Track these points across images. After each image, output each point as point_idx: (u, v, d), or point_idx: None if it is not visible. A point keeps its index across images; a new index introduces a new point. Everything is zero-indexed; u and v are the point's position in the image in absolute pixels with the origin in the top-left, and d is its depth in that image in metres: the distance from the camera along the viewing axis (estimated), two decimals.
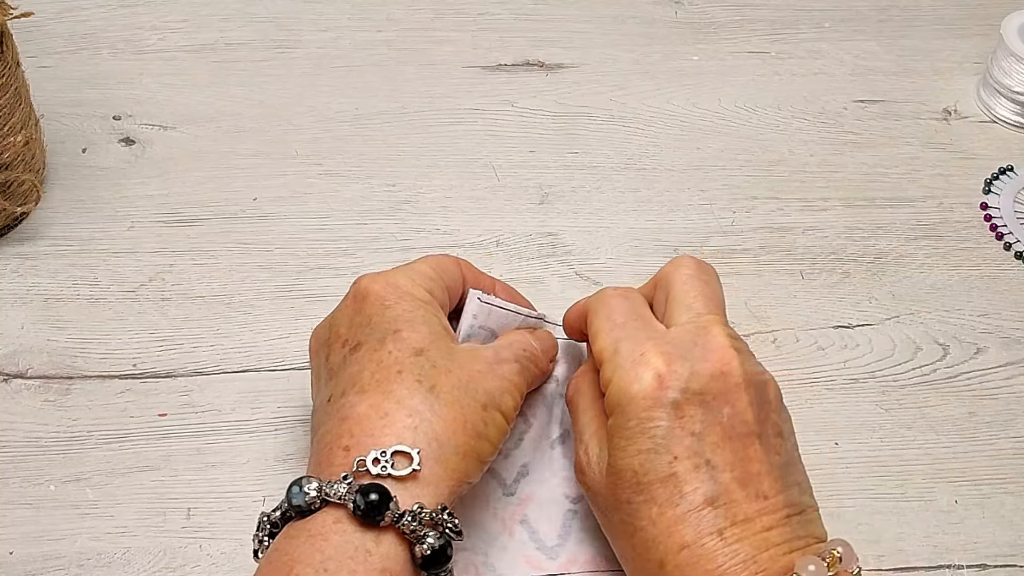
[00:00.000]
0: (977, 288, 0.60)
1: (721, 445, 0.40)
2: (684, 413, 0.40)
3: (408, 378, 0.42)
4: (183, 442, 0.50)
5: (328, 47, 0.71)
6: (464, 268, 0.49)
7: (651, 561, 0.40)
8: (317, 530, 0.39)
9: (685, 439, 0.40)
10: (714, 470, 0.39)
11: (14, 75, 0.55)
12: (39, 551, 0.47)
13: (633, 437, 0.40)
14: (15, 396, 0.52)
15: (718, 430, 0.40)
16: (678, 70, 0.71)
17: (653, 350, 0.41)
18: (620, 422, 0.41)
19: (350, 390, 0.42)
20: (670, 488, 0.39)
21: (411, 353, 0.42)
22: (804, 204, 0.63)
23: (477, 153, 0.65)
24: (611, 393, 0.42)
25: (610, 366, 0.42)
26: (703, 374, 0.41)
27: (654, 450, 0.40)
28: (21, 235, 0.58)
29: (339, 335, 0.45)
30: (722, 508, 0.39)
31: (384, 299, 0.44)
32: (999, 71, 0.68)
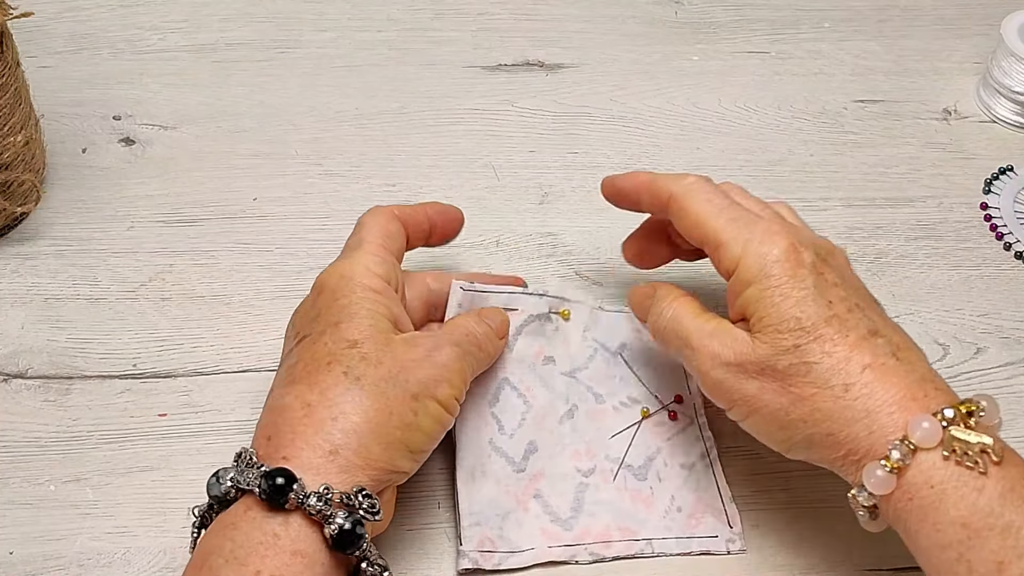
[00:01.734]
0: (977, 288, 0.60)
1: (859, 294, 0.45)
2: (822, 270, 0.44)
3: (336, 369, 0.43)
4: (183, 442, 0.50)
5: (328, 47, 0.71)
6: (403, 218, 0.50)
7: (833, 388, 0.42)
8: (229, 519, 0.40)
9: (832, 289, 0.44)
10: (865, 311, 0.44)
11: (14, 75, 0.55)
12: (39, 551, 0.47)
13: (787, 292, 0.43)
14: (15, 396, 0.52)
15: (851, 284, 0.45)
16: (678, 70, 0.71)
17: (777, 226, 0.45)
18: (768, 283, 0.44)
19: (284, 381, 0.44)
20: (835, 326, 0.43)
21: (345, 345, 0.43)
22: (804, 204, 0.63)
23: (477, 153, 0.65)
24: (749, 264, 0.44)
25: (737, 242, 0.45)
26: (822, 245, 0.46)
27: (811, 297, 0.43)
28: (21, 235, 0.58)
29: (294, 327, 0.46)
30: (885, 338, 0.43)
31: (335, 292, 0.45)
32: (999, 71, 0.68)
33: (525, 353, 0.52)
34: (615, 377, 0.53)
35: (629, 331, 0.55)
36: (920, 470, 0.40)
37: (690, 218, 0.47)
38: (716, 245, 0.46)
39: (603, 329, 0.54)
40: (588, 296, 0.57)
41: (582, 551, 0.47)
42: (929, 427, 0.40)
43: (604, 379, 0.53)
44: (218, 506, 0.41)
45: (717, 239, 0.46)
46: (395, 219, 0.49)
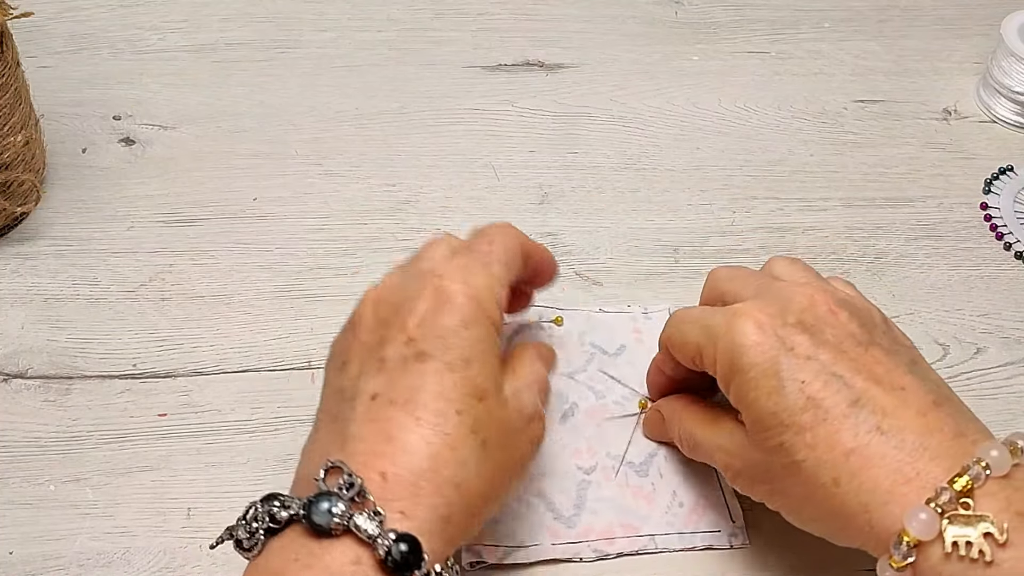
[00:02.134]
0: (977, 288, 0.60)
1: (838, 358, 0.41)
2: (793, 343, 0.41)
3: (466, 422, 0.39)
4: (183, 442, 0.50)
5: (328, 47, 0.71)
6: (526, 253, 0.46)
7: (825, 486, 0.39)
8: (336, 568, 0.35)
9: (804, 364, 0.40)
10: (843, 379, 0.40)
11: (14, 75, 0.55)
12: (39, 551, 0.47)
13: (759, 383, 0.41)
14: (15, 396, 0.52)
15: (829, 348, 0.41)
16: (678, 70, 0.71)
17: (741, 307, 0.43)
18: (742, 378, 0.41)
19: (403, 406, 0.38)
20: (812, 410, 0.40)
21: (473, 393, 0.39)
22: (804, 204, 0.63)
23: (477, 153, 0.65)
24: (722, 360, 0.42)
25: (709, 342, 0.43)
26: (794, 308, 0.42)
27: (782, 384, 0.40)
28: (21, 235, 0.58)
29: (405, 327, 0.40)
30: (867, 406, 0.39)
31: (464, 313, 0.40)
32: (999, 71, 0.68)
33: None
34: (614, 379, 0.53)
35: (628, 332, 0.55)
36: (928, 564, 0.37)
37: (675, 350, 0.46)
38: (699, 356, 0.44)
39: (601, 332, 0.55)
40: (588, 296, 0.57)
41: (585, 548, 0.47)
42: (926, 519, 0.37)
43: (603, 379, 0.53)
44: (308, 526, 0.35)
45: (697, 351, 0.44)
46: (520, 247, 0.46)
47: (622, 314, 0.55)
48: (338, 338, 0.43)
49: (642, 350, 0.54)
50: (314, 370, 0.54)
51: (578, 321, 0.55)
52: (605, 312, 0.56)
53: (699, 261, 0.60)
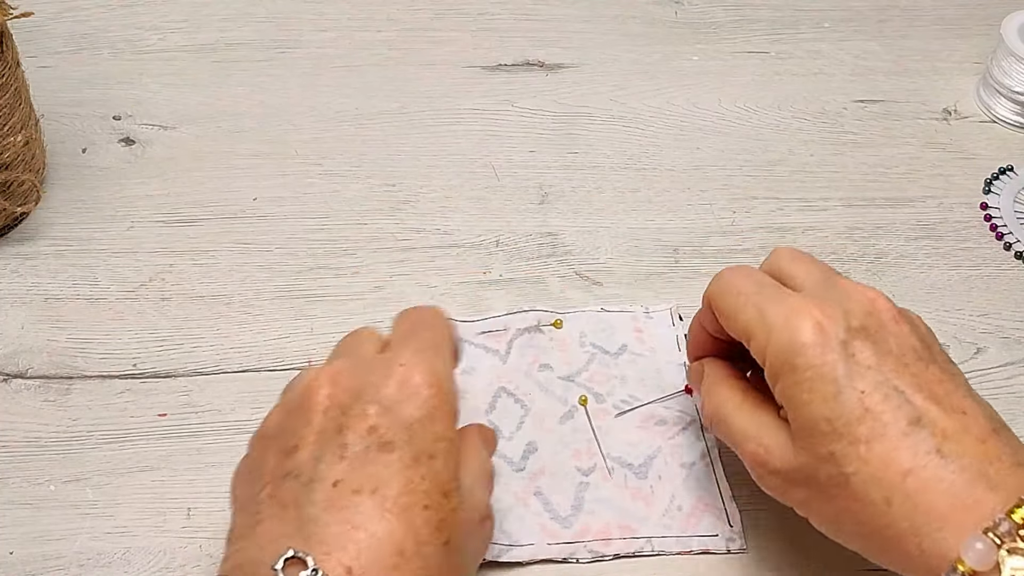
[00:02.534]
0: (977, 288, 0.60)
1: (900, 372, 0.39)
2: (854, 350, 0.39)
3: (432, 521, 0.37)
4: (183, 442, 0.50)
5: (328, 47, 0.71)
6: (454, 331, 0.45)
7: (875, 503, 0.38)
8: None
9: (865, 373, 0.39)
10: (904, 394, 0.39)
11: (14, 75, 0.55)
12: (39, 551, 0.47)
13: (814, 387, 0.39)
14: (15, 396, 0.52)
15: (892, 359, 0.39)
16: (678, 70, 0.71)
17: (801, 303, 0.41)
18: (795, 378, 0.40)
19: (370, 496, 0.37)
20: (869, 423, 0.38)
21: (440, 492, 0.38)
22: (804, 204, 0.63)
23: (477, 153, 0.65)
24: (774, 355, 0.40)
25: (762, 331, 0.41)
26: (857, 312, 0.40)
27: (840, 392, 0.39)
28: (21, 235, 0.58)
29: (366, 415, 0.38)
30: (927, 427, 0.38)
31: (430, 405, 0.39)
32: (999, 71, 0.68)
33: (519, 363, 0.53)
34: (616, 377, 0.53)
35: (630, 331, 0.55)
36: None
37: (724, 316, 0.44)
38: (747, 338, 0.42)
39: (602, 332, 0.55)
40: (589, 296, 0.57)
41: (581, 549, 0.47)
42: (983, 548, 0.35)
43: (604, 380, 0.53)
44: None
45: (747, 333, 0.42)
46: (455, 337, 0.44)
47: (623, 313, 0.56)
48: (276, 419, 0.41)
49: (643, 349, 0.54)
50: None
51: (579, 321, 0.55)
52: (607, 311, 0.56)
53: (699, 261, 0.60)
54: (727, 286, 0.44)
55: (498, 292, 0.57)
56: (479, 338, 0.54)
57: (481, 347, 0.54)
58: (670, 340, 0.55)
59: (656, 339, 0.55)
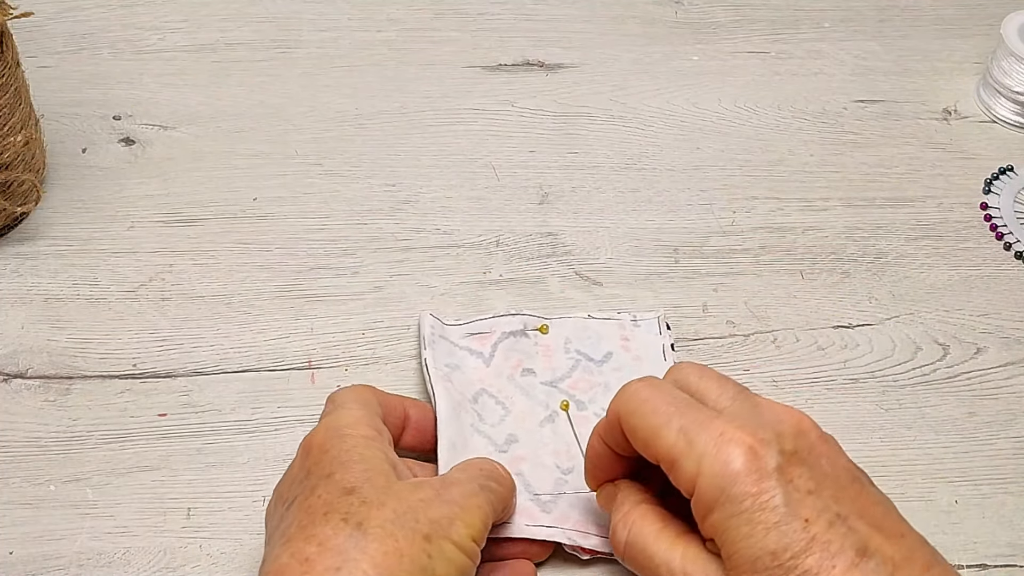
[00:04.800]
0: (977, 288, 0.60)
1: (839, 496, 0.38)
2: (791, 475, 0.38)
3: (334, 518, 0.38)
4: (183, 442, 0.50)
5: (328, 47, 0.71)
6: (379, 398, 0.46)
7: None
8: None
9: (806, 500, 0.37)
10: (847, 520, 0.37)
11: (14, 75, 0.55)
12: (39, 551, 0.47)
13: (753, 518, 0.37)
14: (15, 396, 0.52)
15: (829, 482, 0.38)
16: (678, 70, 0.71)
17: (730, 427, 0.38)
18: (731, 510, 0.37)
19: (277, 543, 0.39)
20: (817, 554, 0.36)
21: (340, 493, 0.39)
22: (804, 204, 0.63)
23: (477, 153, 0.65)
24: (705, 485, 0.38)
25: (690, 459, 0.38)
26: (787, 435, 0.39)
27: (783, 521, 0.37)
28: (21, 235, 0.58)
29: (281, 496, 0.42)
30: (876, 555, 0.36)
31: (323, 446, 0.41)
32: (999, 71, 0.68)
33: (502, 367, 0.53)
34: (599, 384, 0.53)
35: (616, 340, 0.54)
36: None
37: (639, 436, 0.40)
38: (670, 464, 0.39)
39: (588, 339, 0.54)
40: (588, 296, 0.57)
41: (560, 534, 0.47)
42: None
43: (587, 387, 0.53)
44: None
45: (670, 456, 0.39)
46: (371, 395, 0.46)
47: (610, 321, 0.55)
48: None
49: (628, 358, 0.54)
50: (314, 370, 0.54)
51: (565, 328, 0.55)
52: (593, 319, 0.55)
53: (699, 261, 0.60)
54: (641, 404, 0.41)
55: (498, 292, 0.57)
56: (464, 340, 0.54)
57: (466, 349, 0.53)
58: (656, 349, 0.54)
59: (642, 348, 0.54)
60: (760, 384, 0.54)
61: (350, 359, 0.54)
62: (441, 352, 0.52)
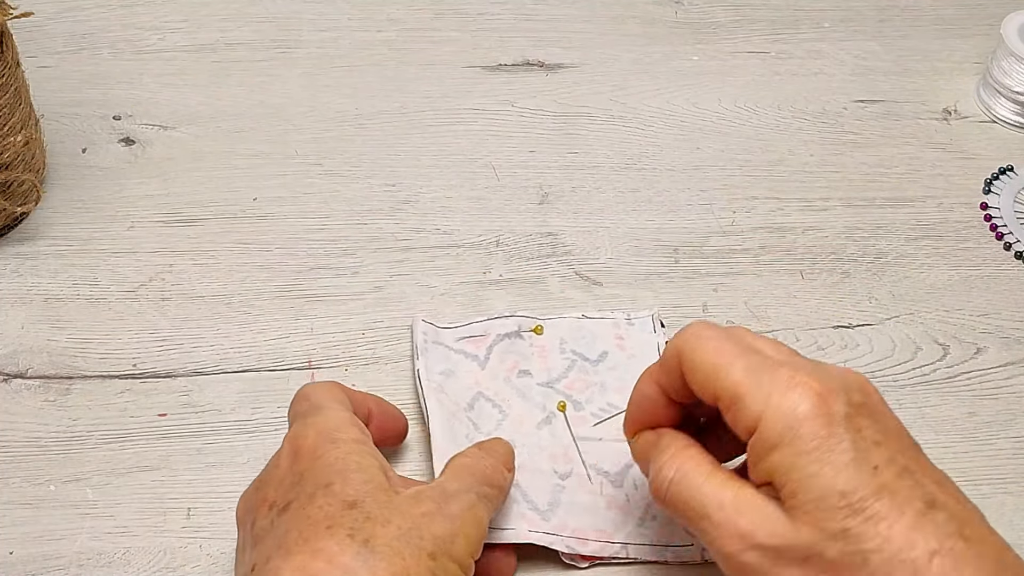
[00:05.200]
0: (977, 288, 0.60)
1: (903, 452, 0.38)
2: (859, 425, 0.37)
3: (339, 533, 0.38)
4: (183, 442, 0.50)
5: (328, 47, 0.71)
6: (347, 393, 0.46)
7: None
8: None
9: (874, 449, 0.37)
10: (915, 475, 0.37)
11: (14, 75, 0.55)
12: (39, 551, 0.47)
13: (823, 458, 0.36)
14: (15, 396, 0.52)
15: (893, 439, 0.38)
16: (678, 70, 0.71)
17: (798, 373, 0.38)
18: (799, 447, 0.37)
19: (275, 554, 0.38)
20: (886, 499, 0.36)
21: (343, 506, 0.39)
22: (804, 204, 0.63)
23: (477, 153, 0.65)
24: (771, 424, 0.37)
25: (756, 397, 0.38)
26: (854, 388, 0.39)
27: (853, 464, 0.36)
28: (21, 235, 0.58)
29: (266, 498, 0.41)
30: (943, 511, 0.36)
31: (315, 450, 0.41)
32: (999, 71, 0.68)
33: (498, 369, 0.53)
34: (595, 384, 0.53)
35: (610, 339, 0.54)
36: None
37: (701, 372, 0.40)
38: (733, 400, 0.39)
39: (582, 339, 0.54)
40: (588, 296, 0.57)
41: (559, 541, 0.47)
42: None
43: (583, 387, 0.52)
44: None
45: (735, 393, 0.39)
46: (340, 391, 0.46)
47: (605, 320, 0.55)
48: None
49: (623, 356, 0.54)
50: (314, 370, 0.54)
51: (560, 328, 0.55)
52: (588, 318, 0.55)
53: (699, 261, 0.60)
54: (706, 341, 0.40)
55: (498, 292, 0.57)
56: (459, 343, 0.53)
57: (460, 352, 0.53)
58: (651, 347, 0.54)
59: (637, 346, 0.54)
60: None
61: (350, 359, 0.54)
62: (434, 359, 0.52)
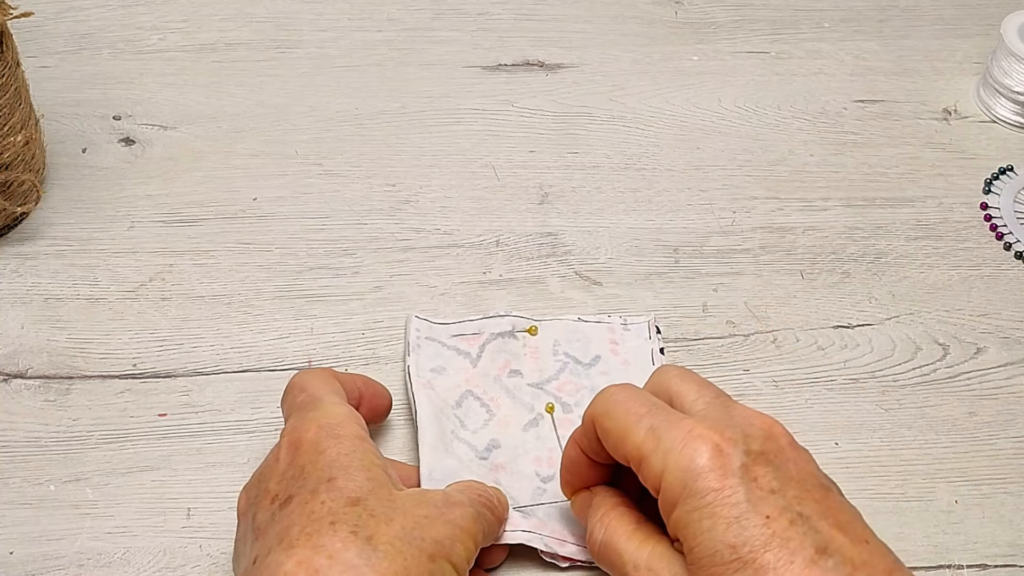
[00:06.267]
0: (977, 288, 0.60)
1: (803, 497, 0.38)
2: (755, 474, 0.38)
3: (342, 530, 0.38)
4: (183, 442, 0.50)
5: (328, 47, 0.71)
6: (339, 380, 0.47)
7: None
8: None
9: (768, 498, 0.37)
10: (810, 520, 0.37)
11: (14, 75, 0.55)
12: (39, 551, 0.47)
13: (715, 512, 0.37)
14: (15, 396, 0.52)
15: (794, 484, 0.38)
16: (678, 70, 0.71)
17: (698, 425, 0.39)
18: (693, 504, 0.38)
19: (277, 547, 0.38)
20: (775, 549, 0.36)
21: (346, 503, 0.39)
22: (804, 204, 0.63)
23: (477, 153, 0.65)
24: (670, 481, 0.39)
25: (658, 455, 0.39)
26: (756, 436, 0.39)
27: (744, 516, 0.37)
28: (21, 235, 0.58)
29: (268, 491, 0.41)
30: (836, 555, 0.36)
31: (317, 445, 0.41)
32: (999, 71, 0.68)
33: (489, 368, 0.53)
34: (586, 388, 0.52)
35: (604, 343, 0.54)
36: None
37: (612, 436, 0.41)
38: (639, 462, 0.40)
39: (576, 342, 0.54)
40: (588, 296, 0.57)
41: (538, 539, 0.47)
42: None
43: (574, 390, 0.52)
44: None
45: (639, 454, 0.40)
46: (334, 379, 0.46)
47: (600, 324, 0.55)
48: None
49: (616, 361, 0.54)
50: None
51: (555, 330, 0.54)
52: (583, 321, 0.55)
53: (699, 261, 0.60)
54: (614, 406, 0.42)
55: (498, 292, 0.57)
56: (452, 340, 0.53)
57: (453, 349, 0.53)
58: (644, 353, 0.54)
59: (631, 352, 0.54)
60: (760, 384, 0.54)
61: (350, 359, 0.54)
62: (426, 356, 0.52)
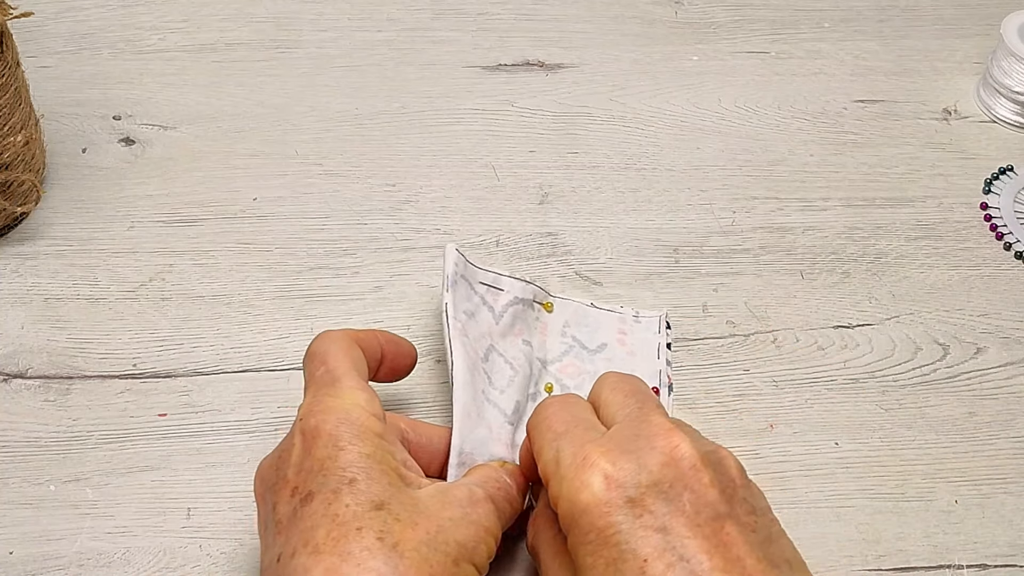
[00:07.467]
0: (977, 288, 0.60)
1: (691, 535, 0.37)
2: (643, 510, 0.37)
3: (368, 536, 0.38)
4: (183, 442, 0.50)
5: (328, 47, 0.71)
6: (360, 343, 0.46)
7: None
8: None
9: (651, 538, 0.36)
10: (690, 563, 0.36)
11: (14, 75, 0.55)
12: (39, 551, 0.47)
13: (597, 550, 0.37)
14: (15, 396, 0.52)
15: (683, 520, 0.37)
16: (678, 70, 0.71)
17: (595, 451, 0.38)
18: (579, 538, 0.38)
19: (302, 550, 0.38)
20: None
21: (370, 507, 0.38)
22: (804, 204, 0.63)
23: (477, 153, 0.65)
24: (563, 510, 0.38)
25: (556, 480, 0.39)
26: (653, 464, 0.38)
27: (620, 559, 0.36)
28: (21, 235, 0.58)
29: (287, 480, 0.40)
30: None
31: (337, 440, 0.40)
32: (999, 71, 0.68)
33: (508, 330, 0.52)
34: (588, 373, 0.53)
35: (612, 332, 0.54)
36: None
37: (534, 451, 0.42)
38: (546, 482, 0.40)
39: (585, 327, 0.54)
40: (588, 296, 0.57)
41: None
42: None
43: (576, 373, 0.53)
44: None
45: (544, 474, 0.40)
46: (355, 345, 0.45)
47: (612, 313, 0.55)
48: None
49: (622, 352, 0.54)
50: None
51: (566, 311, 0.55)
52: (596, 308, 0.55)
53: (699, 261, 0.60)
54: (541, 420, 0.42)
55: None
56: (479, 287, 0.52)
57: (480, 296, 0.52)
58: (651, 346, 0.54)
59: (638, 344, 0.54)
60: (760, 384, 0.54)
61: None
62: (461, 296, 0.51)
